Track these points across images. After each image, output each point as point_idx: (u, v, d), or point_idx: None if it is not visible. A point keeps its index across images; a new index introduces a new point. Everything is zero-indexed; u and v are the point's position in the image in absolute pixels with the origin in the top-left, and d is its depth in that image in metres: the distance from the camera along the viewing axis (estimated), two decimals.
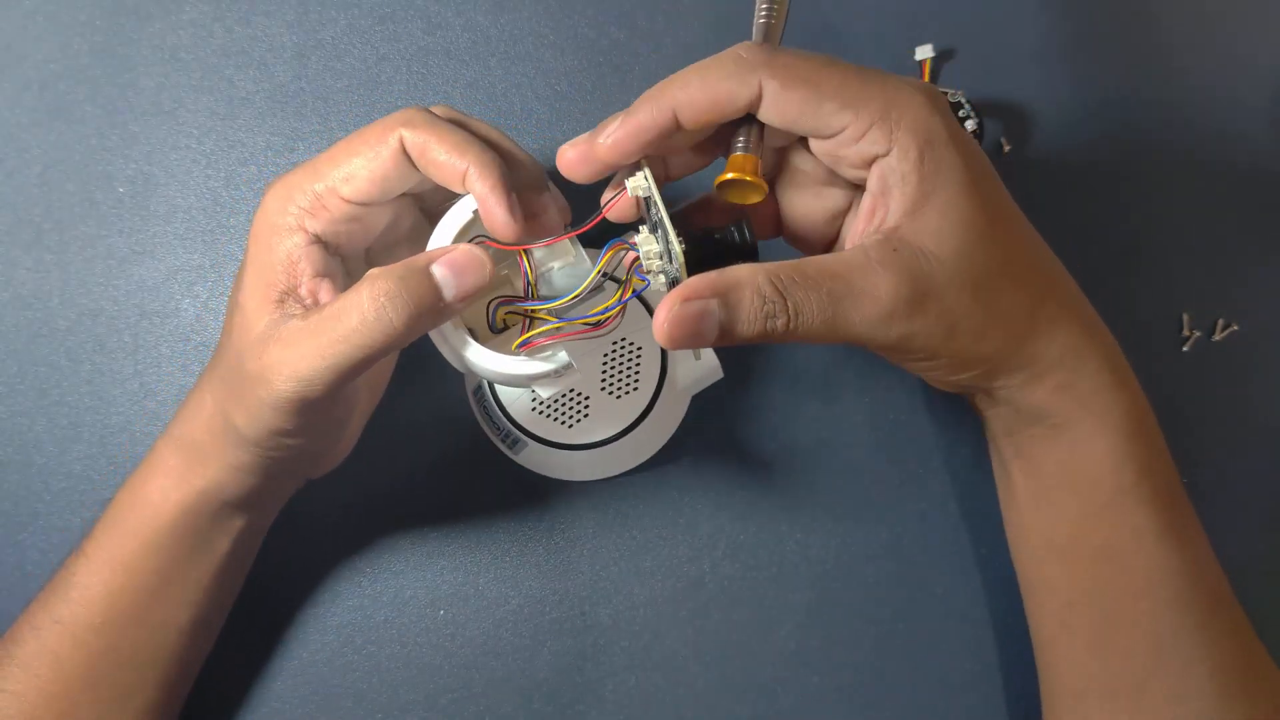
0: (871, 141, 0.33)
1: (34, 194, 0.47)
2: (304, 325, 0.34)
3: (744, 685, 0.45)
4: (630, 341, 0.43)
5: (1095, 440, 0.37)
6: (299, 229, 0.35)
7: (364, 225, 0.37)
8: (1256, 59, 0.52)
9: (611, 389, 0.43)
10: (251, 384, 0.34)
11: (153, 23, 0.48)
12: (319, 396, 0.34)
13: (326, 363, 0.33)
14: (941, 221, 0.33)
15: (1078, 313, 0.37)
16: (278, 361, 0.34)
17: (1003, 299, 0.35)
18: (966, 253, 0.34)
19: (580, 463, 0.44)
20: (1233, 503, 0.48)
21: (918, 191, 0.33)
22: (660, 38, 0.50)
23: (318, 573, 0.45)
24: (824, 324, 0.32)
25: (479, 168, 0.34)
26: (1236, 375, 0.49)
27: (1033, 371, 0.36)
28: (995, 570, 0.46)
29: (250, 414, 0.35)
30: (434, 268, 0.34)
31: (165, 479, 0.38)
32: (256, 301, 0.35)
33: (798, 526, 0.47)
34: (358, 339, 0.33)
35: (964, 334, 0.34)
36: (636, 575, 0.46)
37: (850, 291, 0.32)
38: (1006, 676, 0.46)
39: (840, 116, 0.33)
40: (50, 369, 0.46)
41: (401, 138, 0.35)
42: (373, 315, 0.33)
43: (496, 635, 0.45)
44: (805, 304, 0.32)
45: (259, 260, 0.36)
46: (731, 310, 0.32)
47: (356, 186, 0.35)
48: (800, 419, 0.47)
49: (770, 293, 0.32)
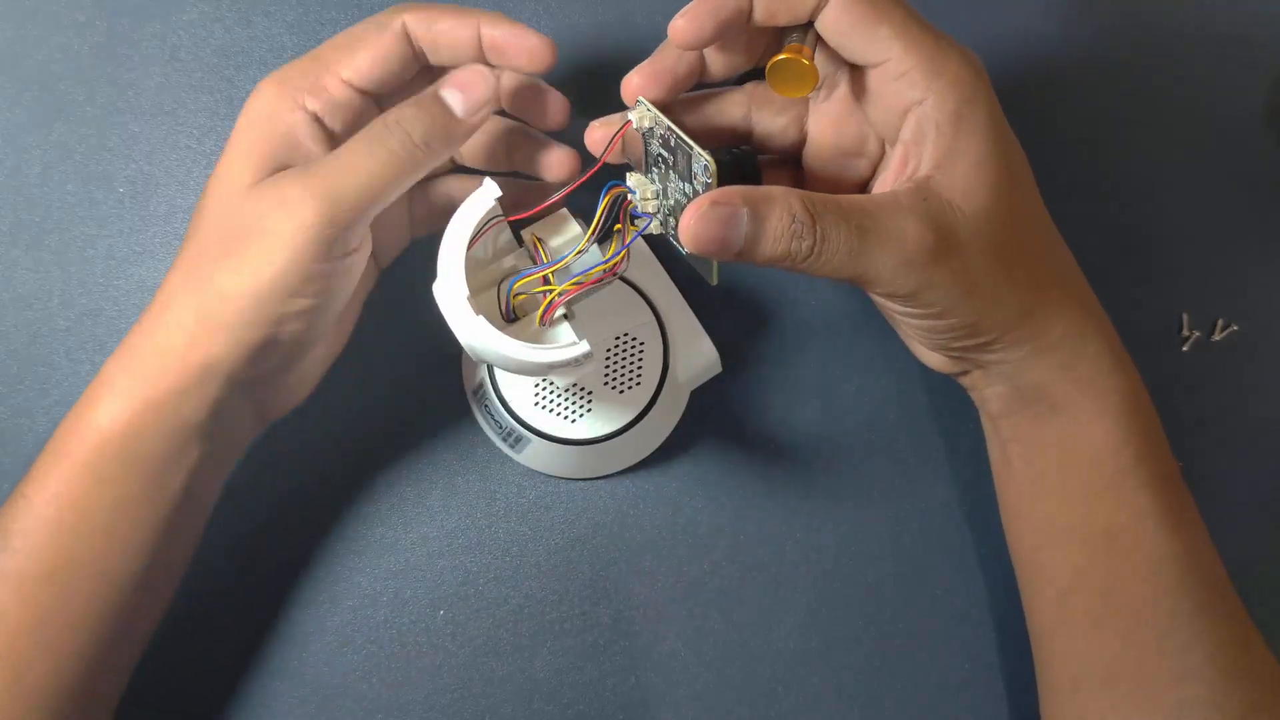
0: (911, 83, 0.33)
1: (34, 194, 0.47)
2: (315, 163, 0.33)
3: (744, 685, 0.45)
4: (633, 336, 0.43)
5: (1094, 422, 0.37)
6: (299, 108, 0.34)
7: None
8: (1256, 59, 0.52)
9: (614, 383, 0.43)
10: (254, 235, 0.32)
11: (153, 23, 0.48)
12: (344, 225, 0.32)
13: (354, 180, 0.32)
14: (972, 178, 0.34)
15: (1082, 297, 0.38)
16: (298, 191, 0.32)
17: (1017, 268, 0.35)
18: (992, 214, 0.34)
19: (581, 459, 0.44)
20: (1232, 502, 0.48)
21: (951, 144, 0.34)
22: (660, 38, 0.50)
23: (317, 573, 0.45)
24: (847, 256, 0.32)
25: (489, 17, 0.35)
26: (1236, 375, 0.49)
27: (1035, 347, 0.36)
28: (995, 570, 0.46)
29: (255, 265, 0.32)
30: (441, 91, 0.34)
31: (113, 399, 0.34)
32: (245, 167, 0.34)
33: (797, 526, 0.47)
34: (377, 164, 0.32)
35: (980, 295, 0.34)
36: (636, 575, 0.46)
37: (878, 229, 0.32)
38: (1006, 676, 0.46)
39: (890, 45, 0.33)
40: (50, 369, 0.46)
41: (404, 21, 0.35)
42: (394, 140, 0.32)
43: (496, 635, 0.45)
44: (833, 232, 0.32)
45: (249, 138, 0.34)
46: (760, 223, 0.31)
47: (357, 67, 0.35)
48: (800, 418, 0.47)
49: (801, 213, 0.31)
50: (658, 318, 0.44)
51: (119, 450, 0.34)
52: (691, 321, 0.44)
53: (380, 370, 0.46)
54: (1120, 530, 0.37)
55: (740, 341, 0.47)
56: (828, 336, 0.48)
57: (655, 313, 0.44)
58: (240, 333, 0.34)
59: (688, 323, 0.44)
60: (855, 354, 0.48)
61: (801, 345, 0.48)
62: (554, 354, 0.34)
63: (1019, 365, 0.37)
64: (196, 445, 0.36)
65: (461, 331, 0.34)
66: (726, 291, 0.48)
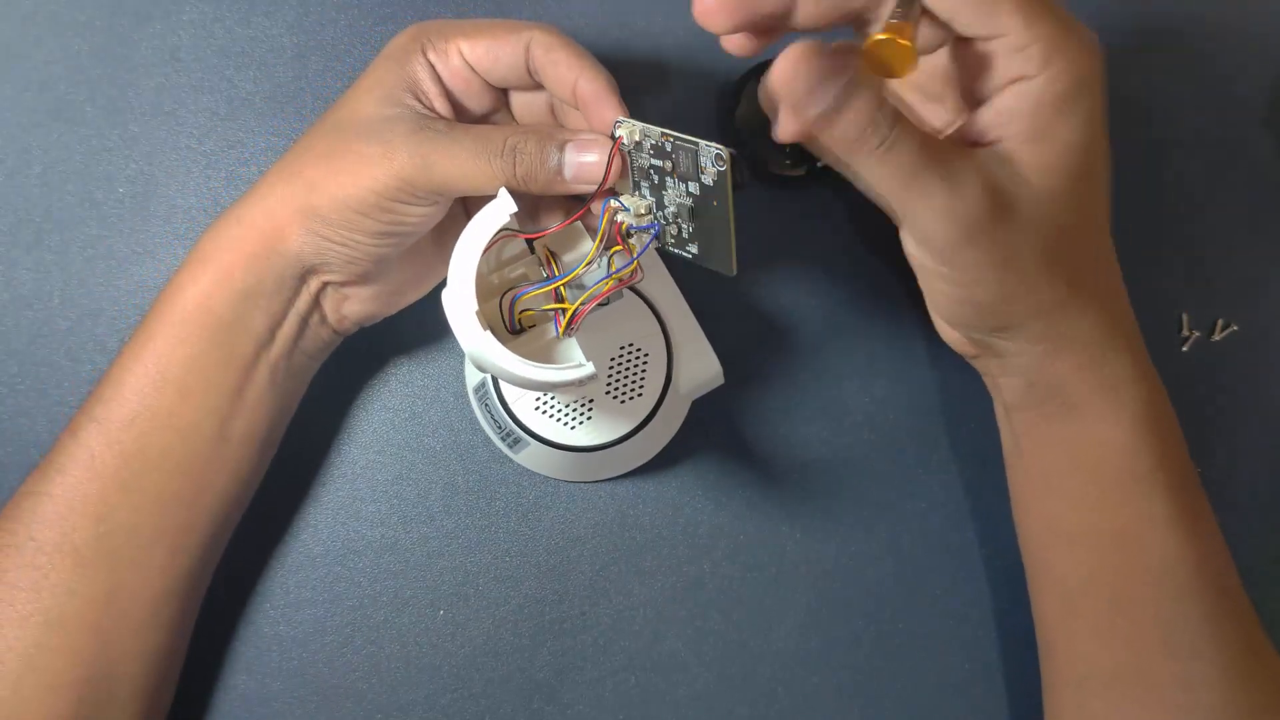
0: (1028, 59, 0.32)
1: (34, 195, 0.47)
2: (432, 134, 0.36)
3: (744, 685, 0.45)
4: (637, 347, 0.43)
5: (1109, 425, 0.37)
6: (426, 62, 0.38)
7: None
8: (1256, 58, 0.52)
9: (616, 394, 0.43)
10: (355, 157, 0.36)
11: (153, 23, 0.48)
12: (424, 193, 0.36)
13: (450, 169, 0.35)
14: (1053, 161, 0.33)
15: (1115, 304, 0.38)
16: (404, 153, 0.35)
17: (1063, 259, 0.35)
18: (1057, 200, 0.33)
19: (579, 464, 0.44)
20: (1233, 502, 0.48)
21: (1049, 123, 0.33)
22: (660, 38, 0.50)
23: (317, 573, 0.45)
24: (908, 172, 0.31)
25: (590, 72, 0.37)
26: (1236, 375, 0.49)
27: (1056, 345, 0.36)
28: (996, 571, 0.46)
29: (347, 178, 0.36)
30: (567, 147, 0.36)
31: (202, 270, 0.38)
32: (372, 96, 0.37)
33: (798, 526, 0.47)
34: (474, 169, 0.35)
35: (1014, 273, 0.34)
36: (636, 575, 0.46)
37: (944, 165, 0.32)
38: (1007, 676, 0.46)
39: (1011, 19, 0.32)
40: (50, 369, 0.46)
41: (533, 36, 0.37)
42: (500, 161, 0.36)
43: (496, 635, 0.45)
44: (906, 142, 0.31)
45: (381, 70, 0.38)
46: (850, 96, 0.30)
47: (476, 51, 0.37)
48: (800, 419, 0.47)
49: (887, 109, 0.31)
50: (663, 329, 0.43)
51: (195, 314, 0.38)
52: (697, 333, 0.44)
53: (381, 370, 0.46)
54: (1130, 534, 0.37)
55: (742, 346, 0.47)
56: (829, 338, 0.48)
57: (661, 324, 0.43)
58: (315, 224, 0.37)
59: (693, 334, 0.44)
60: (856, 357, 0.48)
61: (802, 348, 0.48)
62: (559, 374, 0.34)
63: (1037, 360, 0.36)
64: (263, 315, 0.39)
65: (468, 345, 0.34)
66: (730, 298, 0.48)
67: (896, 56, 0.32)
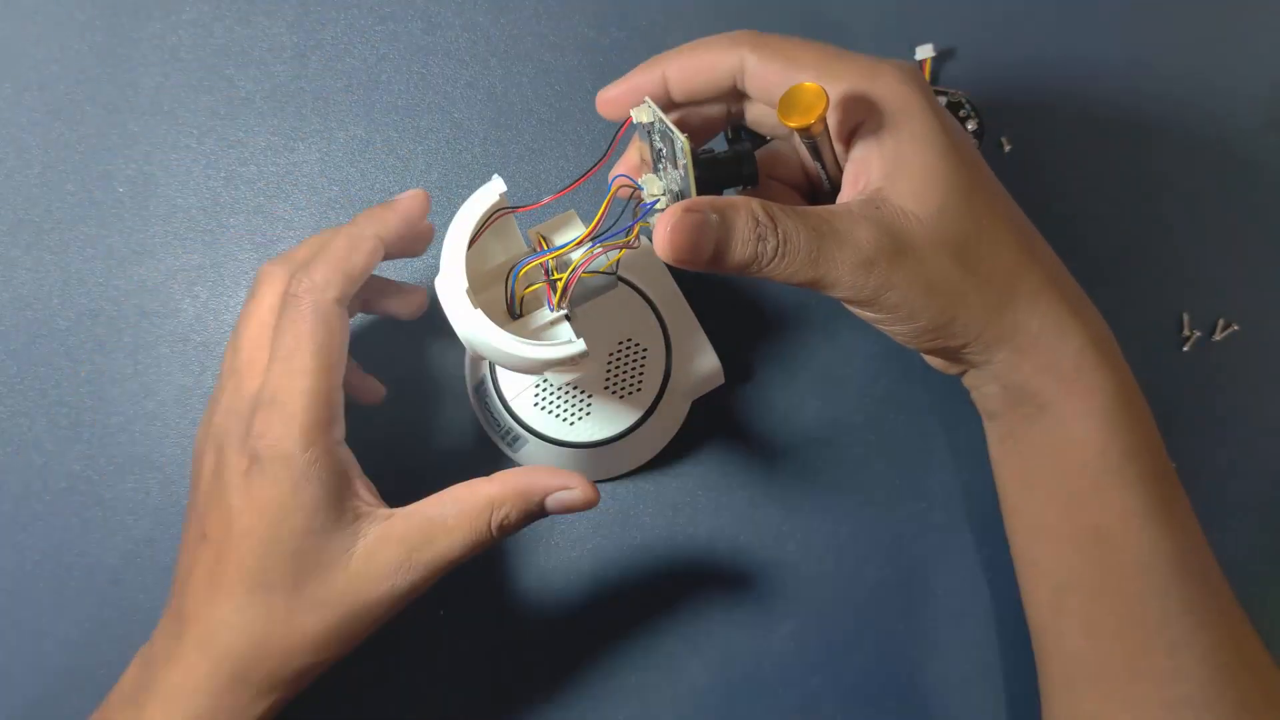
0: (849, 111, 0.35)
1: (34, 194, 0.47)
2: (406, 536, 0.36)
3: (744, 685, 0.45)
4: (636, 343, 0.43)
5: (1078, 422, 0.37)
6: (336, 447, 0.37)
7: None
8: (1256, 58, 0.52)
9: (615, 389, 0.43)
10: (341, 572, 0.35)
11: (153, 23, 0.48)
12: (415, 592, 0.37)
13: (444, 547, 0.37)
14: (922, 184, 0.35)
15: (1061, 289, 0.38)
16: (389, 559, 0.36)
17: (982, 265, 0.36)
18: (947, 214, 0.35)
19: (579, 463, 0.44)
20: (1232, 502, 0.48)
21: (895, 155, 0.35)
22: (660, 38, 0.50)
23: None
24: (808, 259, 0.34)
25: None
26: (1236, 375, 0.49)
27: (1015, 346, 0.37)
28: (995, 570, 0.46)
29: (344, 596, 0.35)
30: (548, 502, 0.37)
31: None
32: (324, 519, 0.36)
33: (798, 527, 0.47)
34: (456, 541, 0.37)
35: (941, 294, 0.35)
36: (637, 575, 0.46)
37: (835, 233, 0.34)
38: (1006, 676, 0.46)
39: (809, 75, 0.35)
40: (50, 369, 0.46)
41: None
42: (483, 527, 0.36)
43: (496, 635, 0.45)
44: (794, 234, 0.33)
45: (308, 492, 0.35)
46: (728, 228, 0.33)
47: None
48: (800, 419, 0.47)
49: (764, 216, 0.33)
50: (662, 325, 0.43)
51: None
52: (697, 332, 0.44)
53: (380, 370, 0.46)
54: (1109, 530, 0.37)
55: (742, 343, 0.47)
56: (829, 338, 0.48)
57: (660, 320, 0.43)
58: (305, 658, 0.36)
59: (693, 333, 0.44)
60: (856, 357, 0.48)
61: (802, 348, 0.48)
62: (549, 350, 0.34)
63: (1003, 367, 0.37)
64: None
65: (459, 323, 0.34)
66: (730, 297, 0.48)
67: (801, 105, 0.34)
